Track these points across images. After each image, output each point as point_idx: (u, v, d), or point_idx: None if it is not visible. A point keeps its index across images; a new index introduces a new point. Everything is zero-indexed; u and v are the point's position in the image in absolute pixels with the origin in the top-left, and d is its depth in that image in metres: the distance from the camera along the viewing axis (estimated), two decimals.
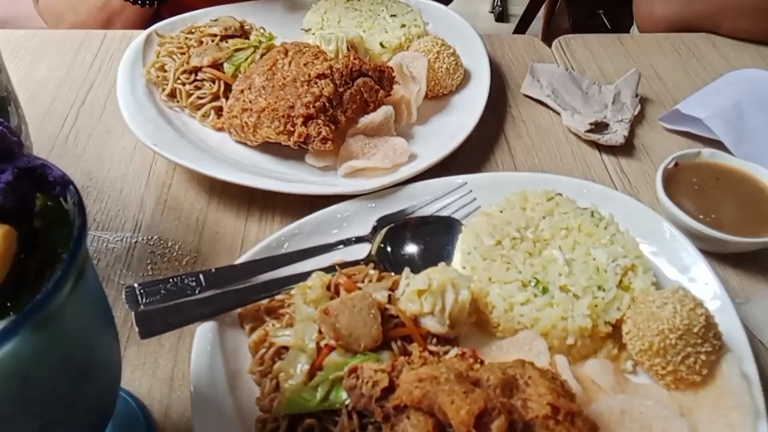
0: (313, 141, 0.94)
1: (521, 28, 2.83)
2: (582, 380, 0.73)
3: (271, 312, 0.78)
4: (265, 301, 0.78)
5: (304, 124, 0.94)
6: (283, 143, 0.97)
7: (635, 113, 1.16)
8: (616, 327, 0.76)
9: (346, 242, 0.87)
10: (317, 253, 0.85)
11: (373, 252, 0.86)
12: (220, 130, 1.06)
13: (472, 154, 1.08)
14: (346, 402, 0.66)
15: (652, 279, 0.78)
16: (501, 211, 0.86)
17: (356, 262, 0.84)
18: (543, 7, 2.77)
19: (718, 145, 1.06)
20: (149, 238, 0.93)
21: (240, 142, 1.03)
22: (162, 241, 0.93)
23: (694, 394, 0.72)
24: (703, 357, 0.71)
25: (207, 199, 0.99)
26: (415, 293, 0.74)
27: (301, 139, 0.94)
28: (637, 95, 1.19)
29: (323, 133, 0.93)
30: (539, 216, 0.85)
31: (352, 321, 0.71)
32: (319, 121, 0.95)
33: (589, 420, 0.60)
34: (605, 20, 2.39)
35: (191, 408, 0.66)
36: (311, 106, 0.94)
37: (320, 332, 0.71)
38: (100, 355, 0.54)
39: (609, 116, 1.15)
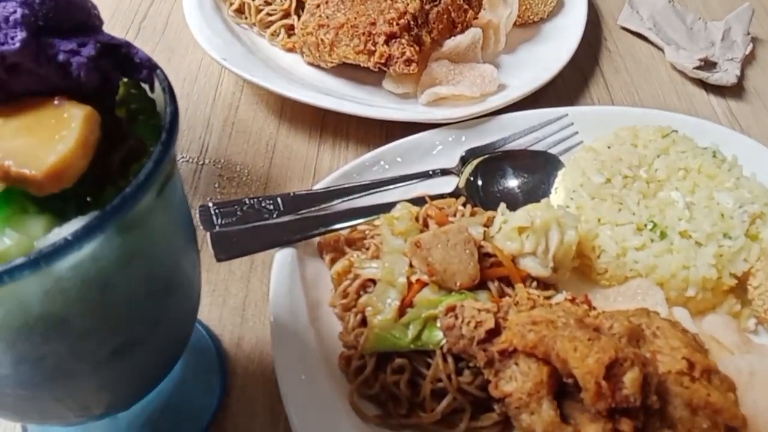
0: (396, 62, 0.85)
1: None
2: (703, 339, 0.65)
3: (353, 243, 0.71)
4: (345, 231, 0.71)
5: (386, 43, 0.85)
6: (362, 64, 0.88)
7: (747, 53, 1.04)
8: (741, 281, 0.67)
9: (432, 174, 0.79)
10: (400, 182, 0.78)
11: (461, 185, 0.78)
12: (291, 50, 0.98)
13: (565, 89, 0.98)
14: (441, 343, 0.59)
15: None
16: (609, 147, 0.76)
17: (442, 195, 0.76)
18: None
19: None
20: (216, 161, 0.86)
21: (313, 64, 0.95)
22: (230, 165, 0.86)
23: None
24: None
25: (277, 122, 0.92)
26: (516, 231, 0.67)
27: (383, 60, 0.85)
28: (748, 33, 1.06)
29: (407, 53, 0.84)
30: (653, 154, 0.75)
31: (446, 256, 0.63)
32: (403, 41, 0.86)
33: (728, 379, 0.53)
34: None
35: (272, 338, 0.60)
36: (395, 23, 0.85)
37: (411, 266, 0.64)
38: (184, 270, 0.47)
39: (718, 54, 1.03)
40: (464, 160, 0.81)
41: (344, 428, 0.56)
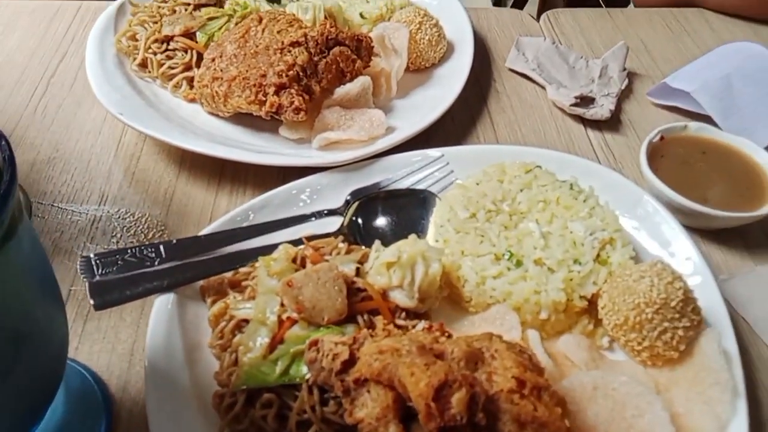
0: (286, 111, 0.90)
1: (516, 8, 2.78)
2: (555, 356, 0.70)
3: (236, 285, 0.75)
4: (229, 274, 0.75)
5: (277, 93, 0.91)
6: (254, 114, 0.93)
7: (622, 87, 1.13)
8: (593, 302, 0.74)
9: (317, 215, 0.84)
10: (286, 225, 0.82)
11: (345, 225, 0.83)
12: (192, 101, 1.03)
13: (454, 129, 1.05)
14: (307, 376, 0.63)
15: (631, 253, 0.76)
16: (477, 184, 0.83)
17: (326, 235, 0.81)
18: None
19: (706, 119, 1.03)
20: (115, 210, 0.90)
21: (212, 114, 1.00)
22: (128, 214, 0.89)
23: (671, 370, 0.69)
24: (680, 332, 0.68)
25: (176, 171, 0.96)
26: (384, 266, 0.72)
27: (273, 109, 0.90)
28: (624, 69, 1.16)
29: (296, 102, 0.90)
30: (517, 188, 0.82)
31: (315, 293, 0.68)
32: (292, 91, 0.91)
33: (557, 395, 0.58)
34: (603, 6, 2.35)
35: (145, 381, 0.64)
36: (284, 74, 0.91)
37: (282, 305, 0.68)
38: (37, 322, 0.51)
39: (595, 90, 1.11)
40: (348, 201, 0.86)
41: None
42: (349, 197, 0.86)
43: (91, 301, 0.67)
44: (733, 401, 0.65)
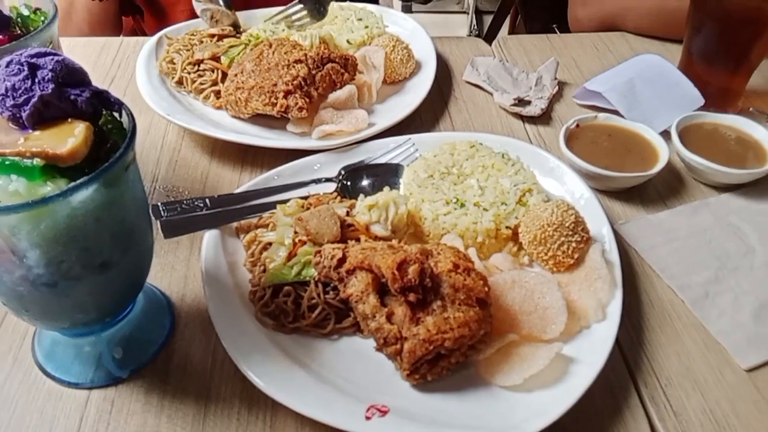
0: (292, 110, 1.21)
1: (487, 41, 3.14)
2: (488, 268, 0.99)
3: (260, 227, 1.04)
4: (255, 220, 1.04)
5: (285, 97, 1.22)
6: (268, 113, 1.23)
7: (554, 92, 1.44)
8: (515, 232, 1.03)
9: (318, 181, 1.14)
10: (295, 187, 1.12)
11: (338, 187, 1.13)
12: (219, 108, 1.33)
13: (423, 123, 1.35)
14: (314, 275, 0.92)
15: (544, 198, 1.05)
16: (435, 156, 1.13)
17: (326, 194, 1.11)
18: (505, 25, 3.08)
19: (615, 113, 1.34)
20: (164, 186, 1.19)
21: (235, 117, 1.30)
22: (174, 189, 1.19)
23: (570, 274, 0.98)
24: (573, 245, 0.97)
25: (209, 158, 1.26)
26: (366, 207, 1.01)
27: (283, 109, 1.21)
28: (555, 78, 1.47)
29: (300, 104, 1.20)
30: (463, 158, 1.12)
31: (318, 224, 0.97)
32: (297, 95, 1.22)
33: (481, 273, 0.86)
34: (558, 32, 2.69)
35: (204, 286, 0.92)
36: (290, 84, 1.22)
37: (296, 233, 0.97)
38: (141, 222, 0.79)
39: (531, 95, 1.43)
40: (341, 172, 1.16)
41: (251, 332, 0.87)
42: (341, 170, 1.16)
43: (162, 234, 0.96)
44: (611, 289, 0.94)
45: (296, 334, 0.90)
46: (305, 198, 1.07)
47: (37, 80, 0.70)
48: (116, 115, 0.77)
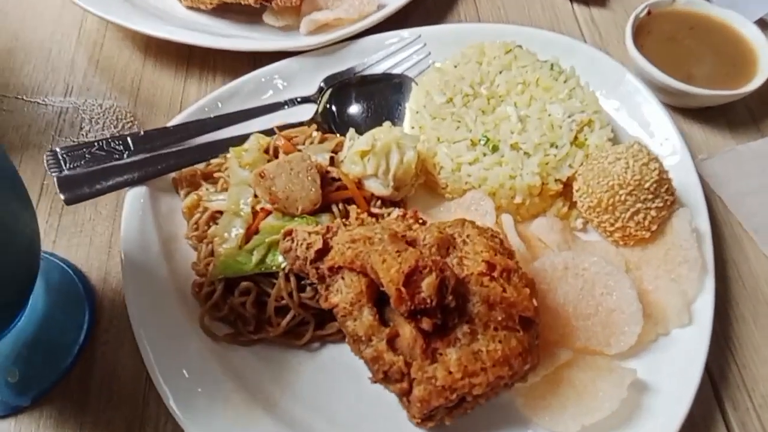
0: None
1: None
2: (529, 239, 0.71)
3: (208, 177, 0.74)
4: (201, 166, 0.74)
5: None
6: (242, 2, 0.87)
7: None
8: (568, 185, 0.74)
9: (290, 103, 0.82)
10: (258, 114, 0.80)
11: (319, 113, 0.81)
12: None
13: (435, 6, 0.99)
14: (283, 265, 0.64)
15: (609, 135, 0.75)
16: (455, 66, 0.80)
17: (300, 124, 0.79)
18: None
19: None
20: (82, 102, 0.87)
21: (191, 7, 0.93)
22: (96, 105, 0.86)
23: (642, 249, 0.71)
24: (653, 213, 0.68)
25: (142, 59, 0.91)
26: (358, 155, 0.71)
27: None
28: None
29: None
30: (496, 70, 0.79)
31: (289, 184, 0.67)
32: None
33: (526, 276, 0.59)
34: None
35: (122, 273, 0.64)
36: None
37: (256, 196, 0.68)
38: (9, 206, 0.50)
39: None
40: (322, 88, 0.83)
41: (194, 349, 0.61)
42: (322, 84, 0.83)
43: (61, 196, 0.67)
44: (701, 278, 0.67)
45: (259, 345, 0.65)
46: (269, 133, 0.76)
47: None
48: None
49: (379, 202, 0.71)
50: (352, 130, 0.74)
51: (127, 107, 0.86)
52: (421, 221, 0.65)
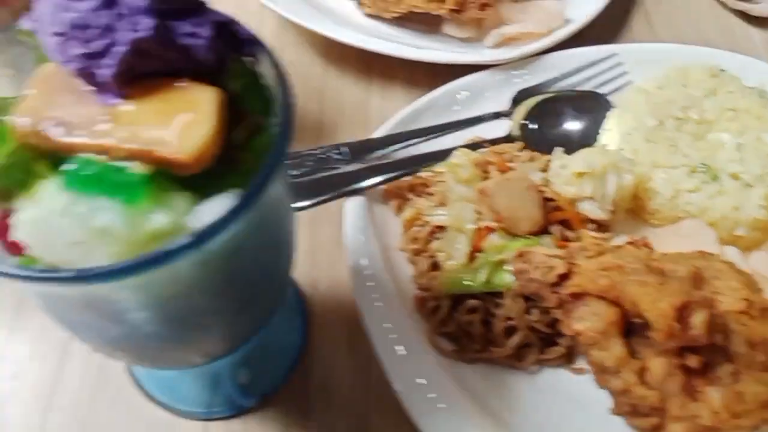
0: (470, 8, 0.84)
1: None
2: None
3: (414, 189, 0.74)
4: (408, 178, 0.74)
5: None
6: (432, 12, 0.87)
7: None
8: None
9: (484, 117, 0.81)
10: (455, 127, 0.80)
11: (515, 129, 0.80)
12: None
13: (608, 25, 0.97)
14: (511, 285, 0.64)
15: None
16: (660, 88, 0.78)
17: (501, 140, 0.79)
18: None
19: None
20: None
21: (371, 15, 0.93)
22: None
23: None
24: None
25: (323, 65, 0.92)
26: (575, 176, 0.70)
27: (456, 6, 0.84)
28: None
29: None
30: (702, 94, 0.77)
31: (511, 203, 0.67)
32: None
33: None
34: None
35: (353, 282, 0.65)
36: None
37: (477, 213, 0.67)
38: (289, 229, 0.51)
39: None
40: (515, 103, 0.83)
41: (428, 362, 0.62)
42: (514, 99, 0.83)
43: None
44: None
45: (478, 363, 0.65)
46: (473, 148, 0.75)
47: (122, 9, 0.38)
48: (245, 60, 0.45)
49: (593, 226, 0.70)
50: (558, 150, 0.73)
51: (313, 114, 0.87)
52: (653, 251, 0.63)
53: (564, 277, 0.60)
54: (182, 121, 0.39)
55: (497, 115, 0.82)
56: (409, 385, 0.59)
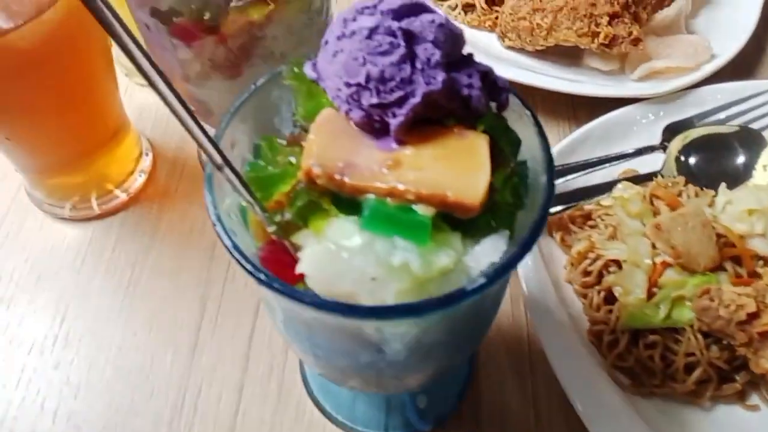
0: (622, 43, 0.86)
1: None
2: None
3: (575, 221, 0.76)
4: (571, 211, 0.76)
5: (609, 23, 0.87)
6: (582, 47, 0.89)
7: None
8: None
9: (638, 152, 0.83)
10: (608, 161, 0.81)
11: (669, 163, 0.81)
12: (476, 27, 0.99)
13: (746, 58, 0.98)
14: (691, 321, 0.65)
15: None
16: None
17: (653, 174, 0.80)
18: None
19: None
20: None
21: (512, 48, 0.96)
22: None
23: None
24: None
25: None
26: (745, 212, 0.70)
27: (607, 41, 0.86)
28: None
29: (634, 33, 0.86)
30: None
31: (687, 238, 0.68)
32: (626, 20, 0.87)
33: None
34: None
35: (531, 315, 0.67)
36: (615, 3, 0.86)
37: (653, 248, 0.69)
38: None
39: None
40: (665, 137, 0.84)
41: (608, 394, 0.63)
42: (666, 131, 0.84)
43: None
44: None
45: (653, 397, 0.66)
46: (636, 180, 0.77)
47: (418, 64, 0.41)
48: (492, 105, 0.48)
49: (761, 263, 0.71)
50: (723, 185, 0.74)
51: None
52: None
53: (754, 316, 0.61)
54: (466, 166, 0.42)
55: (650, 149, 0.83)
56: (596, 412, 0.61)
